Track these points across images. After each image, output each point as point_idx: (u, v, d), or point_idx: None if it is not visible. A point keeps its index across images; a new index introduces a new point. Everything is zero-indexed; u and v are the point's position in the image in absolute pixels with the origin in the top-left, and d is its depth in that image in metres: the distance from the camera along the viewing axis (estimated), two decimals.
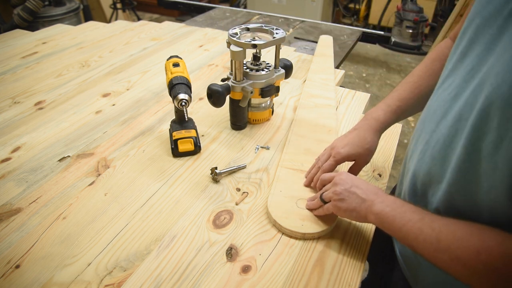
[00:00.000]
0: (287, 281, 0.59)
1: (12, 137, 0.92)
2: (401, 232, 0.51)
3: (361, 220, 0.60)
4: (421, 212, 0.51)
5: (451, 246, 0.45)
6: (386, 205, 0.55)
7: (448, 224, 0.47)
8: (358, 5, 4.21)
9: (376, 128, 0.71)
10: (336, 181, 0.63)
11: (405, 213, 0.52)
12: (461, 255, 0.44)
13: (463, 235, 0.45)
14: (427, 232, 0.48)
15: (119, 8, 3.91)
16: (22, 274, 0.60)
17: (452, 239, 0.45)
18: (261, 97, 0.91)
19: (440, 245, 0.46)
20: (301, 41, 1.72)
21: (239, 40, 0.84)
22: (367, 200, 0.58)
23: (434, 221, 0.48)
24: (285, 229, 0.66)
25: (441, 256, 0.46)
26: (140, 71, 1.26)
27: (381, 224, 0.55)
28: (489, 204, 0.45)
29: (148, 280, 0.59)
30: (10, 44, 1.46)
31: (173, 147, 0.85)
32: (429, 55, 0.73)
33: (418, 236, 0.49)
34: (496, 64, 0.42)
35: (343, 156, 0.70)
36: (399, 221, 0.52)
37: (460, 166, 0.47)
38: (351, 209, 0.59)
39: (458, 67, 0.52)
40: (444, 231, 0.46)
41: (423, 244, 0.48)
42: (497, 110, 0.40)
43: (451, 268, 0.46)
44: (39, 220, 0.69)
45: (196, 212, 0.71)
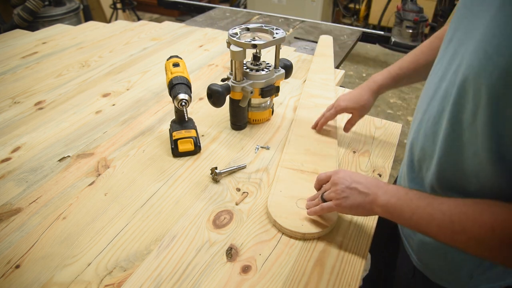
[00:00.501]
0: (287, 281, 0.59)
1: (12, 137, 0.92)
2: (412, 220, 0.52)
3: (367, 214, 0.60)
4: (426, 197, 0.52)
5: (466, 227, 0.46)
6: (391, 196, 0.56)
7: (457, 205, 0.48)
8: (358, 5, 4.21)
9: (373, 89, 0.84)
10: (335, 181, 0.63)
11: (412, 201, 0.53)
12: (477, 234, 0.45)
13: (476, 214, 0.46)
14: (439, 216, 0.49)
15: (119, 8, 3.91)
16: (22, 274, 0.60)
17: (466, 219, 0.47)
18: (261, 97, 0.91)
19: (455, 227, 0.47)
20: (301, 41, 1.72)
21: (239, 40, 0.84)
22: (370, 193, 0.58)
23: (442, 203, 0.50)
24: (285, 229, 0.66)
25: (458, 237, 0.48)
26: (140, 71, 1.26)
27: (389, 215, 0.56)
28: (475, 171, 0.50)
29: (148, 280, 0.59)
30: (10, 44, 1.46)
31: (173, 147, 0.85)
32: (435, 34, 0.79)
33: (430, 222, 0.50)
34: (470, 44, 0.47)
35: (342, 107, 0.86)
36: (407, 210, 0.53)
37: (447, 139, 0.52)
38: (356, 205, 0.59)
39: (445, 52, 0.57)
40: (455, 213, 0.48)
41: (438, 229, 0.49)
42: (471, 83, 0.46)
43: (470, 247, 0.47)
44: (39, 220, 0.69)
45: (196, 212, 0.71)
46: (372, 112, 2.99)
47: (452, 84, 0.51)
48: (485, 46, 0.43)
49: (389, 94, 3.05)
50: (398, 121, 0.86)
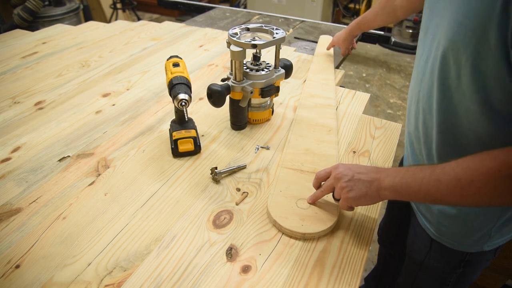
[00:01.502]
0: (287, 281, 0.59)
1: (12, 137, 0.92)
2: (421, 192, 0.54)
3: (375, 201, 0.61)
4: (428, 167, 0.54)
5: (473, 178, 0.49)
6: (394, 176, 0.58)
7: (459, 163, 0.51)
8: (358, 5, 4.21)
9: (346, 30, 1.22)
10: (337, 176, 0.64)
11: (415, 175, 0.55)
12: (485, 181, 0.48)
13: (477, 164, 0.49)
14: (445, 178, 0.51)
15: (119, 8, 3.91)
16: (22, 274, 0.60)
17: (470, 172, 0.49)
18: (261, 97, 0.91)
19: (463, 182, 0.49)
20: (301, 41, 1.72)
21: (239, 40, 0.84)
22: (373, 180, 0.60)
23: (444, 167, 0.52)
24: (285, 229, 0.66)
25: (467, 192, 0.49)
26: (140, 71, 1.26)
27: (398, 194, 0.57)
28: (472, 127, 0.56)
29: (148, 280, 0.59)
30: (10, 44, 1.46)
31: (173, 147, 0.85)
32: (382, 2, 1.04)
33: (438, 187, 0.52)
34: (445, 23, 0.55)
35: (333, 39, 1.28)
36: (413, 184, 0.55)
37: (441, 105, 0.59)
38: (363, 195, 0.60)
39: (425, 39, 0.64)
40: (460, 170, 0.50)
41: (447, 191, 0.51)
42: (449, 50, 0.53)
43: (480, 198, 0.49)
44: (39, 220, 0.69)
45: (196, 212, 0.71)
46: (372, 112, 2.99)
47: (436, 59, 0.58)
48: (456, 16, 0.51)
49: (389, 94, 3.05)
50: (398, 121, 0.87)
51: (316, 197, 0.70)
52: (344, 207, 0.65)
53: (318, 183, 0.69)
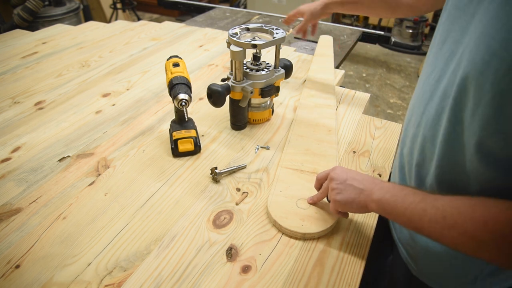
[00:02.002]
0: (287, 281, 0.59)
1: (12, 137, 0.92)
2: (405, 215, 0.52)
3: (362, 210, 0.60)
4: (421, 193, 0.52)
5: (458, 221, 0.46)
6: (386, 191, 0.55)
7: (451, 201, 0.48)
8: None
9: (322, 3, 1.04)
10: (332, 176, 0.63)
11: (406, 196, 0.52)
12: (468, 228, 0.45)
13: (467, 209, 0.46)
14: (431, 211, 0.48)
15: (119, 8, 3.91)
16: (22, 274, 0.60)
17: (458, 214, 0.46)
18: (261, 97, 0.91)
19: (446, 222, 0.47)
20: (301, 41, 1.72)
21: (239, 40, 0.84)
22: (365, 189, 0.58)
23: (436, 200, 0.49)
24: (285, 229, 0.66)
25: (448, 233, 0.47)
26: (140, 71, 1.26)
27: (383, 210, 0.55)
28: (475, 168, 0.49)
29: (148, 280, 0.59)
30: (10, 44, 1.46)
31: (173, 147, 0.85)
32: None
33: (422, 217, 0.49)
34: (469, 42, 0.47)
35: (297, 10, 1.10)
36: (401, 205, 0.52)
37: (447, 139, 0.52)
38: (350, 200, 0.59)
39: (438, 54, 0.57)
40: (448, 208, 0.47)
41: (429, 224, 0.49)
42: (472, 80, 0.45)
43: (460, 244, 0.47)
44: (39, 220, 0.69)
45: (196, 212, 0.71)
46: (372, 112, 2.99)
47: (451, 83, 0.50)
48: (489, 42, 0.42)
49: (389, 94, 3.05)
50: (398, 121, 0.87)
51: (316, 199, 0.70)
52: (333, 210, 0.64)
53: (319, 184, 0.69)
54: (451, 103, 0.49)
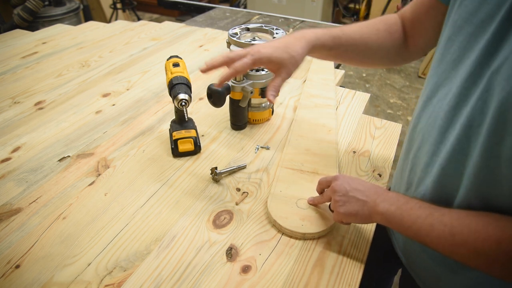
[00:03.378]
0: (287, 281, 0.59)
1: (12, 137, 0.92)
2: (411, 230, 0.51)
3: (366, 221, 0.59)
4: (428, 207, 0.51)
5: (468, 240, 0.45)
6: (390, 204, 0.54)
7: (460, 217, 0.47)
8: (358, 5, 4.21)
9: (309, 39, 0.64)
10: (334, 188, 0.62)
11: (412, 210, 0.51)
12: (480, 247, 0.44)
13: (479, 227, 0.44)
14: (439, 228, 0.47)
15: (119, 8, 3.92)
16: (22, 274, 0.60)
17: (468, 232, 0.45)
18: (261, 97, 0.91)
19: (456, 239, 0.46)
20: None
21: (239, 40, 0.84)
22: (369, 201, 0.57)
23: (444, 215, 0.48)
24: (285, 229, 0.66)
25: (458, 250, 0.46)
26: (140, 71, 1.26)
27: (388, 223, 0.55)
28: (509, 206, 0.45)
29: (148, 280, 0.59)
30: (10, 44, 1.46)
31: (173, 147, 0.85)
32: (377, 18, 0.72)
33: (430, 232, 0.48)
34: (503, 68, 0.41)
35: (262, 56, 0.61)
36: (407, 219, 0.51)
37: (478, 174, 0.46)
38: (354, 213, 0.58)
39: (451, 75, 0.51)
40: (457, 225, 0.46)
41: (437, 240, 0.48)
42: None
43: (470, 261, 0.46)
44: (39, 220, 0.69)
45: (196, 212, 0.71)
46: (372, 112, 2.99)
47: (480, 112, 0.44)
48: None
49: (389, 94, 3.05)
50: (398, 121, 0.86)
51: (317, 202, 0.69)
52: (336, 220, 0.63)
53: (321, 189, 0.68)
54: (484, 135, 0.44)
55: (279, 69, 0.63)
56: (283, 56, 0.62)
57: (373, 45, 0.68)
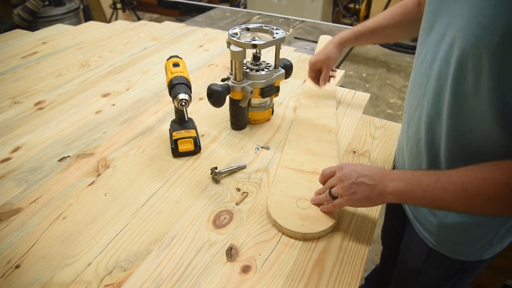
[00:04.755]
0: (287, 281, 0.59)
1: (12, 137, 0.92)
2: (425, 199, 0.54)
3: (378, 203, 0.62)
4: (433, 174, 0.54)
5: (480, 190, 0.49)
6: (398, 181, 0.57)
7: (466, 173, 0.51)
8: (358, 5, 4.21)
9: (336, 42, 0.95)
10: (340, 177, 0.64)
11: (420, 181, 0.55)
12: (492, 193, 0.48)
13: (485, 175, 0.49)
14: (451, 188, 0.51)
15: (119, 8, 3.91)
16: (22, 274, 0.60)
17: (477, 183, 0.49)
18: (261, 97, 0.91)
19: (469, 193, 0.50)
20: (301, 41, 1.72)
21: (239, 40, 0.84)
22: (377, 184, 0.60)
23: (450, 176, 0.52)
24: (285, 229, 0.66)
25: (474, 202, 0.50)
26: (140, 71, 1.26)
27: (402, 199, 0.58)
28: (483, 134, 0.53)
29: (148, 280, 0.59)
30: (10, 44, 1.46)
31: (173, 147, 0.85)
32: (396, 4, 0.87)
33: (444, 195, 0.52)
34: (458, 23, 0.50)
35: (311, 63, 0.97)
36: (418, 191, 0.55)
37: (451, 113, 0.55)
38: (366, 198, 0.61)
39: (427, 39, 0.60)
40: (466, 180, 0.50)
41: (452, 199, 0.51)
42: (469, 54, 0.48)
43: (487, 208, 0.50)
44: (39, 220, 0.69)
45: (196, 212, 0.71)
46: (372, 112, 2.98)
47: (446, 62, 0.53)
48: (478, 19, 0.46)
49: (389, 94, 3.05)
50: (398, 121, 0.86)
51: (320, 201, 0.70)
52: (340, 205, 0.66)
53: (324, 180, 0.70)
54: (451, 79, 0.53)
55: (322, 65, 0.95)
56: (322, 58, 0.95)
57: (389, 28, 0.87)
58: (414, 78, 0.66)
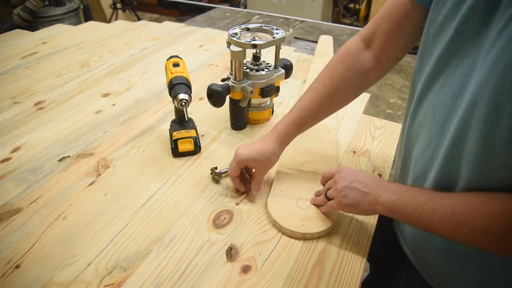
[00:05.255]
0: (287, 281, 0.59)
1: (12, 137, 0.92)
2: (414, 216, 0.52)
3: (368, 213, 0.60)
4: (428, 193, 0.52)
5: (470, 218, 0.46)
6: (392, 194, 0.55)
7: (460, 198, 0.48)
8: (358, 5, 4.21)
9: (277, 139, 0.72)
10: (336, 179, 0.63)
11: (413, 197, 0.52)
12: (481, 224, 0.45)
13: (479, 204, 0.46)
14: (441, 210, 0.48)
15: (119, 8, 3.91)
16: (22, 274, 0.60)
17: (469, 211, 0.46)
18: (261, 97, 0.91)
19: (458, 219, 0.47)
20: (301, 41, 1.72)
21: (239, 40, 0.84)
22: (371, 193, 0.58)
23: (444, 198, 0.49)
24: (285, 229, 0.66)
25: (460, 230, 0.47)
26: (140, 71, 1.26)
27: (392, 213, 0.56)
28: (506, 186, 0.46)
29: (148, 280, 0.59)
30: (10, 44, 1.46)
31: (173, 147, 0.85)
32: (335, 56, 0.73)
33: (432, 216, 0.49)
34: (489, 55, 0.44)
35: (242, 159, 0.71)
36: (409, 206, 0.52)
37: (477, 160, 0.47)
38: (356, 204, 0.60)
39: (445, 67, 0.53)
40: (458, 205, 0.47)
41: (440, 223, 0.49)
42: (507, 97, 0.41)
43: (473, 240, 0.47)
44: (39, 220, 0.69)
45: (196, 212, 0.71)
46: (372, 112, 2.98)
47: (474, 103, 0.46)
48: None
49: (389, 94, 3.05)
50: (398, 121, 0.86)
51: (318, 202, 0.70)
52: (332, 208, 0.65)
53: (325, 181, 0.70)
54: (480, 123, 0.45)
55: (257, 167, 0.73)
56: (258, 157, 0.71)
57: (336, 95, 0.71)
58: (426, 107, 0.57)
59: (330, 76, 0.71)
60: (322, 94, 0.70)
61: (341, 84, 0.70)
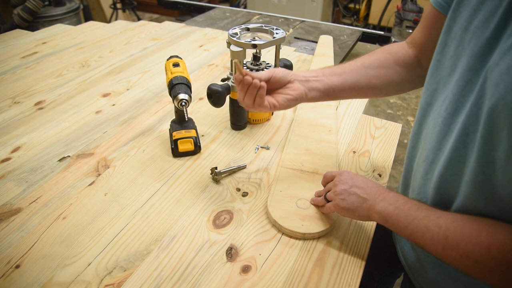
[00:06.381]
0: (287, 281, 0.59)
1: (12, 137, 0.92)
2: (407, 230, 0.51)
3: (364, 219, 0.60)
4: (425, 209, 0.51)
5: (460, 243, 0.45)
6: (389, 204, 0.55)
7: (455, 221, 0.47)
8: (358, 5, 4.21)
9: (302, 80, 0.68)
10: (336, 182, 0.63)
11: (409, 211, 0.52)
12: (471, 252, 0.44)
13: (472, 231, 0.45)
14: (434, 229, 0.48)
15: (119, 8, 3.92)
16: (22, 274, 0.60)
17: (461, 236, 0.45)
18: None
19: (448, 242, 0.46)
20: (301, 41, 1.72)
21: (239, 40, 0.84)
22: (369, 199, 0.58)
23: (439, 217, 0.48)
24: (285, 229, 0.66)
25: (450, 253, 0.46)
26: (140, 71, 1.26)
27: (386, 222, 0.55)
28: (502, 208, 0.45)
29: (148, 280, 0.59)
30: (10, 44, 1.46)
31: (173, 147, 0.85)
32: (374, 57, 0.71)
33: (424, 234, 0.49)
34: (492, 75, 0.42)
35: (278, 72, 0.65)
36: (403, 219, 0.52)
37: (475, 180, 0.46)
38: (353, 208, 0.59)
39: (448, 81, 0.52)
40: (451, 228, 0.46)
41: (430, 242, 0.48)
42: (505, 120, 0.40)
43: (461, 264, 0.46)
44: (39, 220, 0.69)
45: (196, 212, 0.71)
46: (372, 112, 2.99)
47: (475, 119, 0.45)
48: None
49: None
50: (398, 121, 0.85)
51: (317, 203, 0.70)
52: (330, 211, 0.65)
53: (326, 183, 0.70)
54: (479, 142, 0.44)
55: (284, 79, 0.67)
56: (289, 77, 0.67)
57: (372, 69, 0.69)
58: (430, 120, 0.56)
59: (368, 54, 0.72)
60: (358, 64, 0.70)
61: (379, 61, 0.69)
